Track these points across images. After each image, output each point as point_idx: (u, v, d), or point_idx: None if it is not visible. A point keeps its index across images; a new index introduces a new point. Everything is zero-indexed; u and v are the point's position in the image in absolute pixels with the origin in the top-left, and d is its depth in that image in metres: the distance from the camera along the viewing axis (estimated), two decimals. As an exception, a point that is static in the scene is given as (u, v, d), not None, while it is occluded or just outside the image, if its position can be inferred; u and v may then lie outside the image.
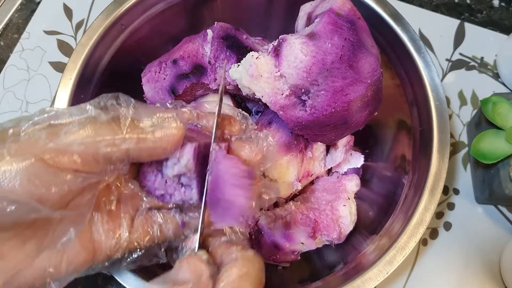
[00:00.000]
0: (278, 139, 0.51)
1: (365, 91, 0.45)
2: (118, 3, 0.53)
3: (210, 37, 0.52)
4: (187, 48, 0.53)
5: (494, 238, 0.58)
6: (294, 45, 0.43)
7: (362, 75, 0.44)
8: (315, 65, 0.43)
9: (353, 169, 0.57)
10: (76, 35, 0.70)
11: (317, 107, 0.44)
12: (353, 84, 0.44)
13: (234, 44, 0.52)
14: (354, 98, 0.44)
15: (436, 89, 0.50)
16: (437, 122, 0.49)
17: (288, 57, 0.43)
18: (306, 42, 0.43)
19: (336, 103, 0.44)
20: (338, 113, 0.45)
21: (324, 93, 0.44)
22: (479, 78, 0.66)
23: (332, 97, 0.44)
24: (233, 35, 0.53)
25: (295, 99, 0.45)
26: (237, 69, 0.46)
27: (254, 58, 0.44)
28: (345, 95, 0.44)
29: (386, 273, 0.44)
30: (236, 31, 0.54)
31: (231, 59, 0.51)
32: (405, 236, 0.45)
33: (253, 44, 0.54)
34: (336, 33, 0.43)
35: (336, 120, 0.46)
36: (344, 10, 0.45)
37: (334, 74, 0.43)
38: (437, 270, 0.57)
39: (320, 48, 0.43)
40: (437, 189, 0.47)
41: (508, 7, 0.70)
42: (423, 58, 0.51)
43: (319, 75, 0.43)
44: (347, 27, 0.44)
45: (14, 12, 0.71)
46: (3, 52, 0.69)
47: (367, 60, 0.44)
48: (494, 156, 0.52)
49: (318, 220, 0.51)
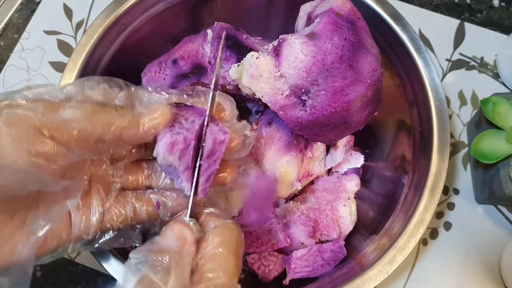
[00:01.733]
0: (278, 139, 0.51)
1: (365, 91, 0.45)
2: (118, 3, 0.53)
3: (210, 37, 0.52)
4: (187, 48, 0.53)
5: (494, 238, 0.58)
6: (294, 45, 0.43)
7: (362, 75, 0.44)
8: (315, 65, 0.43)
9: (353, 169, 0.57)
10: (76, 35, 0.70)
11: (317, 107, 0.44)
12: (353, 84, 0.44)
13: (234, 44, 0.52)
14: (354, 98, 0.44)
15: (436, 89, 0.50)
16: (437, 122, 0.49)
17: (288, 57, 0.43)
18: (306, 42, 0.43)
19: (336, 103, 0.44)
20: (338, 113, 0.45)
21: (324, 93, 0.44)
22: (479, 78, 0.66)
23: (332, 97, 0.44)
24: (233, 35, 0.53)
25: (295, 99, 0.45)
26: (237, 68, 0.46)
27: (254, 58, 0.44)
28: (345, 95, 0.44)
29: (386, 273, 0.44)
30: (236, 31, 0.54)
31: (231, 59, 0.51)
32: (405, 236, 0.45)
33: (253, 44, 0.54)
34: (336, 33, 0.43)
35: (336, 120, 0.46)
36: (344, 10, 0.45)
37: (334, 74, 0.43)
38: (437, 270, 0.57)
39: (320, 48, 0.43)
40: (437, 189, 0.47)
41: (508, 7, 0.70)
42: (423, 58, 0.51)
43: (319, 75, 0.43)
44: (347, 27, 0.44)
45: (14, 12, 0.71)
46: (3, 52, 0.69)
47: (367, 60, 0.44)
48: (494, 156, 0.52)
49: (318, 220, 0.51)
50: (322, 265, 0.49)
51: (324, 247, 0.50)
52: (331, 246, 0.49)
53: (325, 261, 0.49)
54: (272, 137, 0.52)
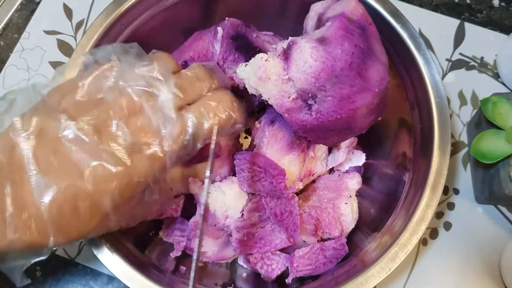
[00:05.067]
0: (281, 138, 0.51)
1: (372, 99, 0.44)
2: (118, 3, 0.53)
3: (220, 35, 0.52)
4: (197, 48, 0.53)
5: (494, 238, 0.58)
6: (304, 49, 0.42)
7: (370, 84, 0.44)
8: (324, 71, 0.42)
9: (354, 167, 0.57)
10: (76, 35, 0.70)
11: (322, 112, 0.44)
12: (360, 92, 0.44)
13: (243, 45, 0.52)
14: (360, 106, 0.44)
15: (436, 87, 0.50)
16: (438, 119, 0.49)
17: (298, 61, 0.43)
18: (316, 46, 0.42)
19: (342, 110, 0.44)
20: (343, 119, 0.45)
21: (331, 99, 0.43)
22: (479, 78, 0.66)
23: (339, 104, 0.43)
24: (242, 34, 0.53)
25: (301, 102, 0.45)
26: (244, 68, 0.45)
27: (263, 60, 0.44)
28: (351, 103, 0.44)
29: (389, 270, 0.44)
30: (246, 28, 0.54)
31: (240, 61, 0.51)
32: (407, 233, 0.45)
33: (262, 43, 0.54)
34: (347, 39, 0.43)
35: (340, 126, 0.46)
36: (356, 15, 0.44)
37: (342, 81, 0.43)
38: (437, 270, 0.57)
39: (330, 54, 0.42)
40: (439, 186, 0.47)
41: (508, 7, 0.71)
42: (423, 56, 0.51)
43: (327, 81, 0.43)
44: (358, 33, 0.43)
45: (14, 12, 0.71)
46: (3, 52, 0.69)
47: (376, 69, 0.44)
48: (494, 156, 0.52)
49: (320, 218, 0.51)
50: (324, 263, 0.49)
51: (326, 245, 0.49)
52: (333, 244, 0.49)
53: (327, 259, 0.49)
54: (275, 136, 0.52)
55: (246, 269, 0.54)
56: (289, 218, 0.47)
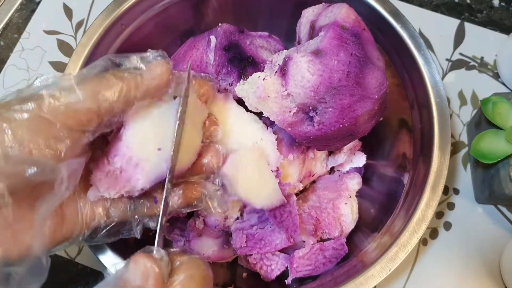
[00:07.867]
0: (281, 140, 0.51)
1: (373, 106, 0.44)
2: (118, 3, 0.53)
3: (213, 44, 0.52)
4: (191, 57, 0.53)
5: (494, 238, 0.58)
6: (300, 64, 0.42)
7: (369, 91, 0.44)
8: (322, 84, 0.42)
9: (354, 167, 0.57)
10: (76, 35, 0.70)
11: (325, 123, 0.44)
12: (360, 100, 0.43)
13: (235, 57, 0.52)
14: (361, 113, 0.44)
15: (436, 86, 0.50)
16: (438, 119, 0.49)
17: (295, 77, 0.42)
18: (312, 60, 0.42)
19: (344, 119, 0.44)
20: (346, 128, 0.45)
21: (332, 110, 0.43)
22: (479, 78, 0.66)
23: (340, 114, 0.43)
24: (235, 42, 0.53)
25: (302, 114, 0.44)
26: (243, 87, 0.45)
27: (261, 80, 0.43)
28: (352, 111, 0.44)
29: (389, 270, 0.44)
30: (239, 35, 0.54)
31: (233, 73, 0.51)
32: (407, 233, 0.45)
33: (256, 51, 0.53)
34: (342, 48, 0.43)
35: (343, 133, 0.46)
36: (349, 22, 0.44)
37: (342, 92, 0.42)
38: (437, 270, 0.57)
39: (327, 66, 0.42)
40: (439, 185, 0.47)
41: (508, 7, 0.71)
42: (423, 56, 0.51)
43: (327, 93, 0.42)
44: (352, 41, 0.43)
45: (14, 12, 0.71)
46: (3, 52, 0.69)
47: (374, 75, 0.44)
48: (494, 156, 0.52)
49: (320, 218, 0.51)
50: (324, 263, 0.49)
51: (326, 245, 0.49)
52: (333, 244, 0.49)
53: (326, 259, 0.49)
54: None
55: (246, 269, 0.54)
56: (288, 219, 0.47)
